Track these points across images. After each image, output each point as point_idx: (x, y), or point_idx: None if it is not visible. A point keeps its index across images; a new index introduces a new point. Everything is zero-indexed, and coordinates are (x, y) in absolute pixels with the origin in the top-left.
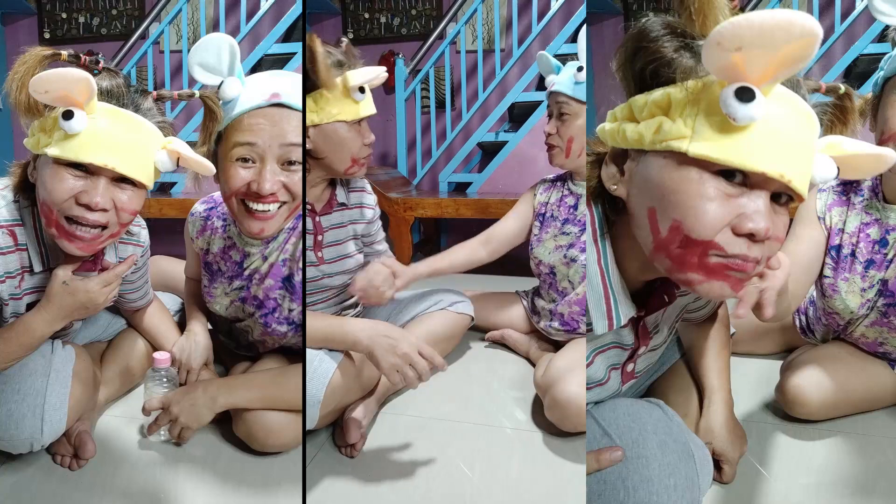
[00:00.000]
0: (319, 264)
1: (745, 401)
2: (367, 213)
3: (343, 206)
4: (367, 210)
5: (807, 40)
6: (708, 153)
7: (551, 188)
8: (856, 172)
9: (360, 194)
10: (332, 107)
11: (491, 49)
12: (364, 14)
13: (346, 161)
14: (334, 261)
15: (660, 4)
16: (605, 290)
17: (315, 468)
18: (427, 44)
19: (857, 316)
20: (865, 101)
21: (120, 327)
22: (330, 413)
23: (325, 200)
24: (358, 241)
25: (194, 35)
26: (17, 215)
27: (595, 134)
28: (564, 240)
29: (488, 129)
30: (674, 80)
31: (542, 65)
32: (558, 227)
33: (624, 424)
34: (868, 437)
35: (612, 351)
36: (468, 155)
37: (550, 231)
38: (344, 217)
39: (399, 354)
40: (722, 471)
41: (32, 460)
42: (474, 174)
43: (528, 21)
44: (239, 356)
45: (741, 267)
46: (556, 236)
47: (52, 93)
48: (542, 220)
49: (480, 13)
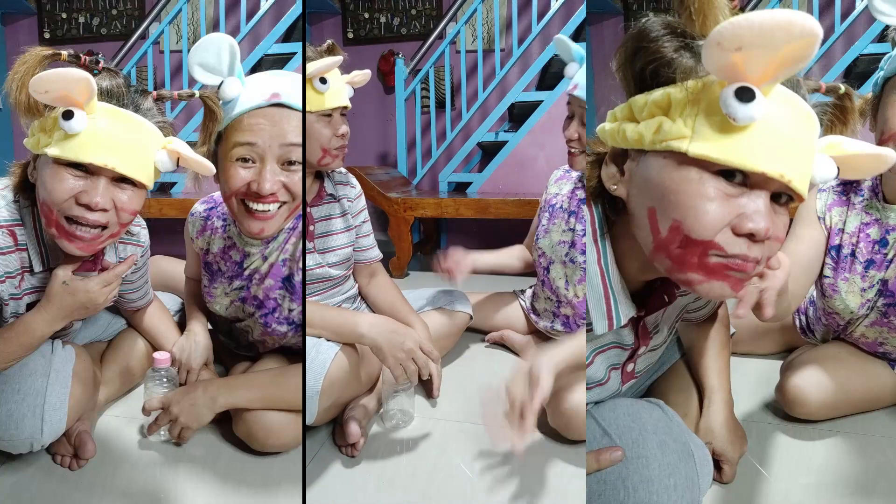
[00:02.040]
0: (313, 252)
1: (745, 401)
2: (350, 206)
3: (332, 198)
4: (349, 202)
5: (807, 40)
6: (708, 153)
7: (565, 178)
8: (856, 172)
9: (345, 187)
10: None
11: (491, 49)
12: (364, 14)
13: (317, 151)
14: (327, 251)
15: (660, 4)
16: (605, 290)
17: (315, 468)
18: (427, 44)
19: (857, 316)
20: (865, 101)
21: (120, 327)
22: (329, 409)
23: (314, 192)
24: (350, 233)
25: (194, 35)
26: (17, 215)
27: (595, 134)
28: (569, 235)
29: (488, 128)
30: (674, 80)
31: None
32: (565, 220)
33: (624, 424)
34: (868, 437)
35: (612, 351)
36: (468, 155)
37: (558, 223)
38: (333, 209)
39: (404, 350)
40: (722, 471)
41: (32, 460)
42: (474, 174)
43: (528, 21)
44: (239, 356)
45: (741, 267)
46: (563, 231)
47: (52, 93)
48: (551, 210)
49: (480, 13)
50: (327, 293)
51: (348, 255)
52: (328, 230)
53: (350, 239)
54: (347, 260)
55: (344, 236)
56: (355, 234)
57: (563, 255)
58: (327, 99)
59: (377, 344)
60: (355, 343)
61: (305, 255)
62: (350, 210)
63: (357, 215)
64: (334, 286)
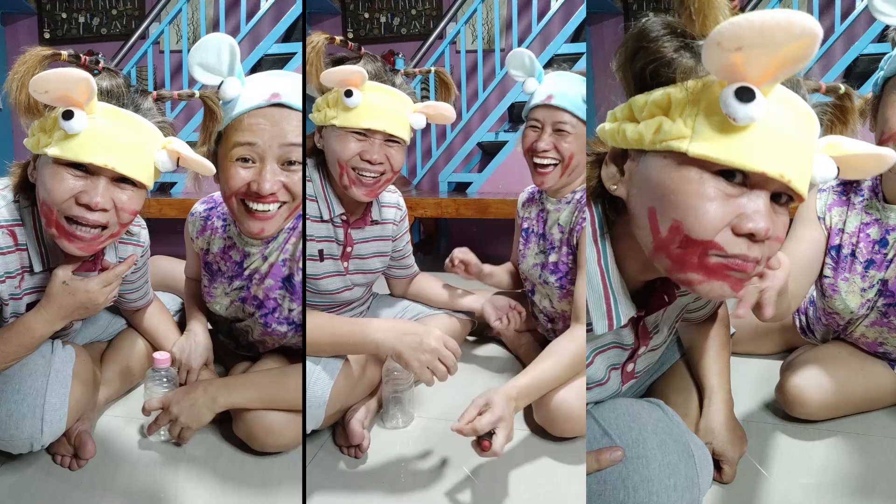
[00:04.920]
0: (345, 274)
1: (745, 401)
2: (395, 230)
3: (375, 223)
4: (390, 226)
5: (807, 40)
6: (708, 153)
7: (532, 202)
8: (856, 172)
9: (391, 209)
10: (329, 109)
11: (491, 49)
12: (364, 14)
13: (335, 168)
14: (358, 273)
15: (660, 4)
16: (605, 290)
17: (315, 468)
18: (427, 44)
19: (857, 316)
20: (865, 101)
21: (120, 327)
22: (333, 414)
23: (359, 214)
24: (384, 259)
25: (194, 35)
26: (17, 215)
27: (595, 134)
28: (541, 258)
29: (488, 128)
30: (674, 80)
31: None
32: (537, 243)
33: (624, 424)
34: (868, 437)
35: (612, 351)
36: (468, 155)
37: (531, 247)
38: (375, 232)
39: (428, 350)
40: (722, 471)
41: (32, 460)
42: (474, 174)
43: (528, 21)
44: (239, 356)
45: (741, 267)
46: (536, 254)
47: (52, 93)
48: (525, 235)
49: (480, 13)
50: (343, 310)
51: (376, 278)
52: (364, 253)
53: (383, 264)
54: (372, 282)
55: (378, 261)
56: (397, 255)
57: (538, 278)
58: (357, 115)
59: (396, 350)
60: (371, 353)
61: (305, 255)
62: (394, 234)
63: (399, 238)
64: (352, 307)
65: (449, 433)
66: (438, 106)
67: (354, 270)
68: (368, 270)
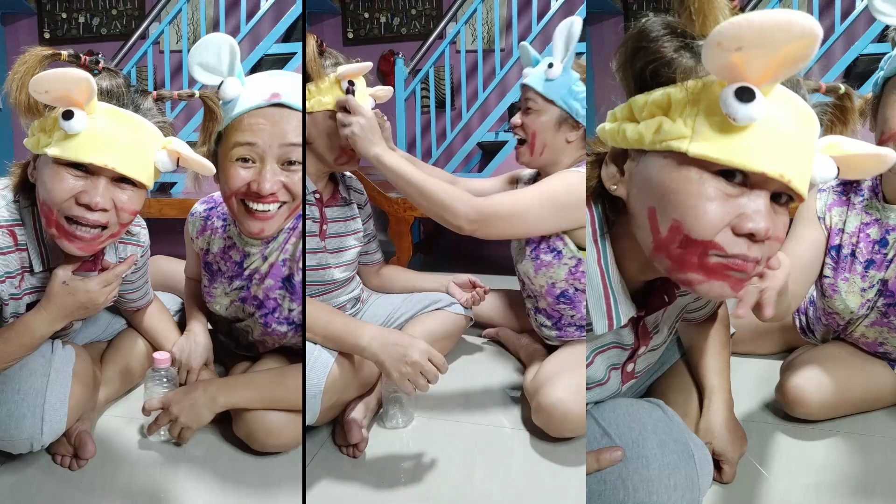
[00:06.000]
0: (323, 252)
1: (745, 401)
2: (361, 211)
3: (345, 201)
4: (360, 207)
5: (807, 40)
6: (708, 153)
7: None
8: (856, 172)
9: (355, 192)
10: (323, 96)
11: (491, 49)
12: (364, 14)
13: (335, 150)
14: (338, 251)
15: (660, 4)
16: (605, 289)
17: (315, 468)
18: (427, 43)
19: (857, 316)
20: (865, 101)
21: (120, 327)
22: (331, 408)
23: (329, 193)
24: (359, 236)
25: (194, 35)
26: (17, 215)
27: (595, 134)
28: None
29: (488, 128)
30: (674, 80)
31: (522, 56)
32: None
33: (624, 424)
34: (868, 437)
35: (612, 351)
36: (468, 155)
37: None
38: (346, 211)
39: (409, 363)
40: (722, 471)
41: (32, 460)
42: (474, 174)
43: (528, 21)
44: (239, 356)
45: (741, 267)
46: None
47: (52, 93)
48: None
49: (480, 13)
50: (332, 294)
51: (356, 257)
52: (341, 231)
53: (359, 241)
54: (354, 262)
55: (354, 238)
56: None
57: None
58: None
59: (379, 358)
60: (355, 355)
61: (305, 255)
62: (361, 214)
63: (367, 220)
64: (339, 287)
65: (449, 433)
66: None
67: (334, 249)
68: (346, 248)
